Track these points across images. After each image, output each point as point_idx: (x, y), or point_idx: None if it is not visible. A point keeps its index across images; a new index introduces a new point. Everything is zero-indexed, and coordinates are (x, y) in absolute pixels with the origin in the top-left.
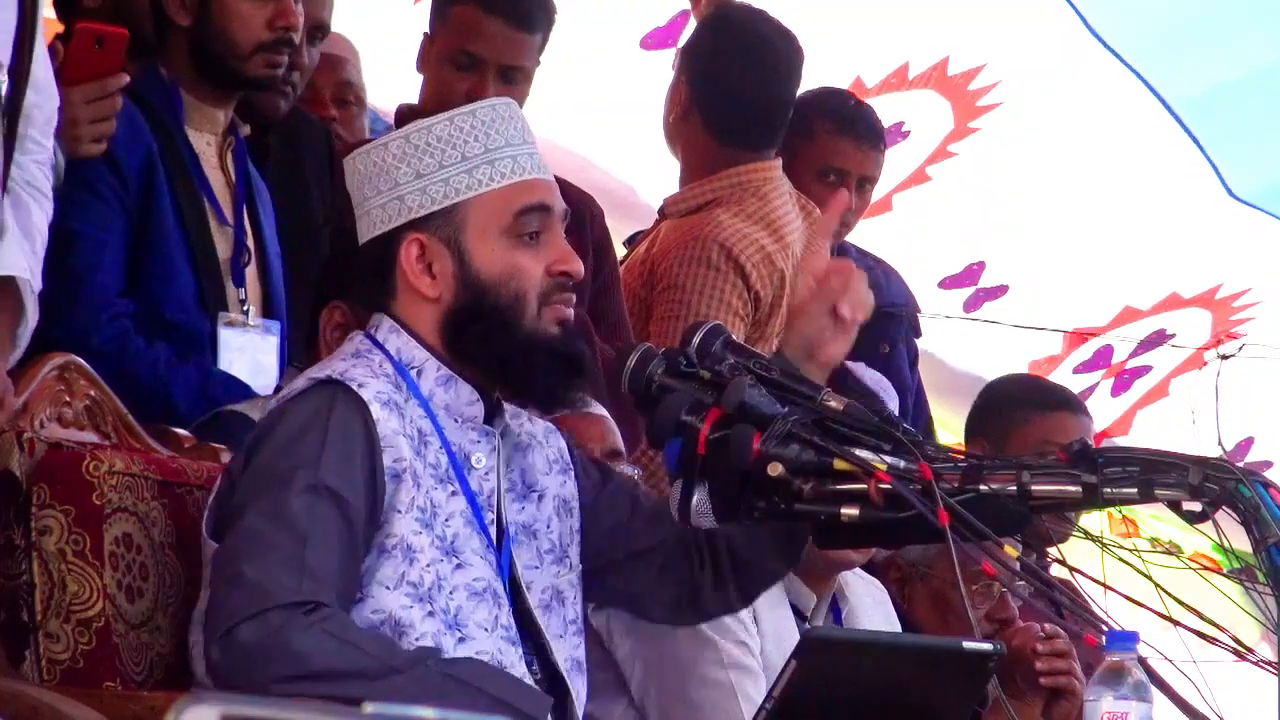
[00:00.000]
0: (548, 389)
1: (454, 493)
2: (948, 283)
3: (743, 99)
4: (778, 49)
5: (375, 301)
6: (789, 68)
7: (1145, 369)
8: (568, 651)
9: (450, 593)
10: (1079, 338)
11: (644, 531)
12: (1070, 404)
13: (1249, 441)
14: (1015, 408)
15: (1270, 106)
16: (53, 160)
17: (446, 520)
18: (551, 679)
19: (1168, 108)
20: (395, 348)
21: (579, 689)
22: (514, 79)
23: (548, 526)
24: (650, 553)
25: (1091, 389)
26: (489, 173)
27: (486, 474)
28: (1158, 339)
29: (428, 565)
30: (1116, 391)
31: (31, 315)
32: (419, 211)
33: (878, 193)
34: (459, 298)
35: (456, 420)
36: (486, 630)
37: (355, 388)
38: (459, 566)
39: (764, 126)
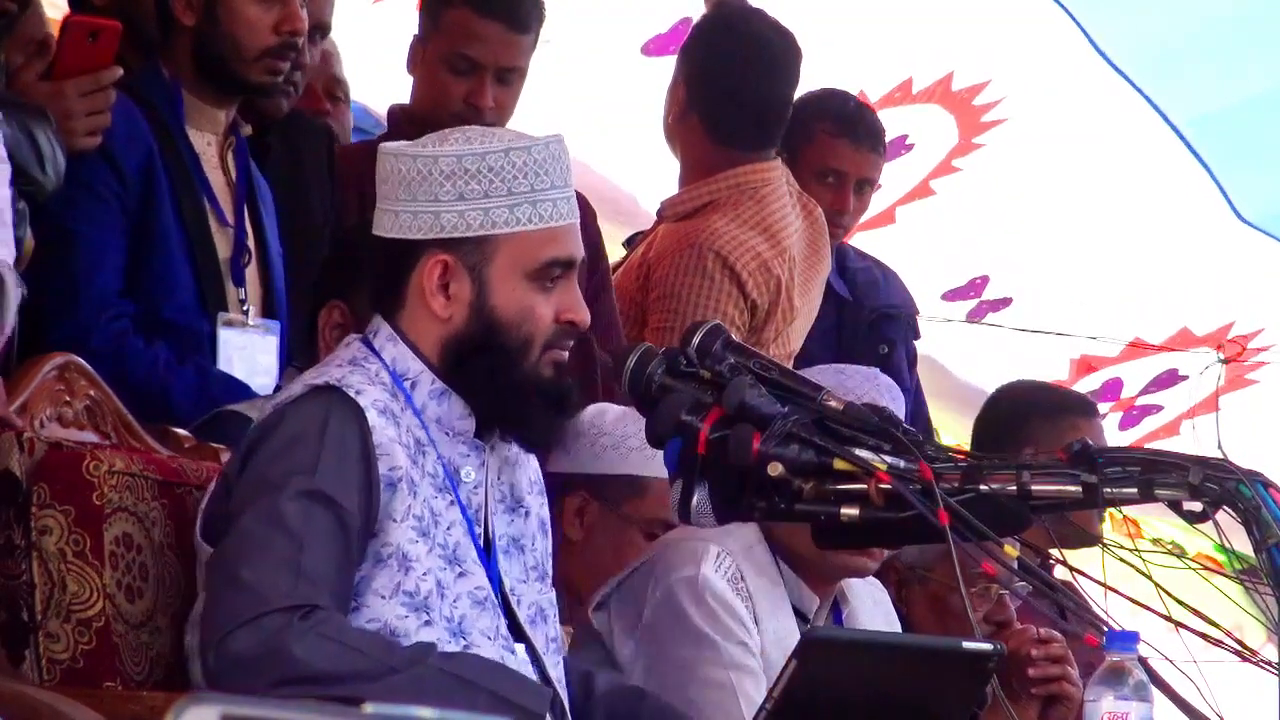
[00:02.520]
0: (533, 428)
1: (451, 502)
2: (951, 295)
3: (739, 99)
4: (774, 47)
5: (380, 301)
6: (786, 66)
7: (1156, 408)
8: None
9: (454, 600)
10: (1087, 366)
11: None
12: (1080, 407)
13: None
14: (1023, 417)
15: (1278, 129)
16: (51, 153)
17: (448, 529)
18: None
19: (1174, 129)
20: (391, 357)
21: (566, 703)
22: (510, 80)
23: (533, 543)
24: None
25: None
26: (529, 213)
27: (475, 488)
28: (1169, 379)
29: (424, 574)
30: (1125, 426)
31: (12, 290)
32: (451, 233)
33: (880, 205)
34: (469, 325)
35: (448, 434)
36: (489, 638)
37: (353, 395)
38: (461, 574)
39: (761, 126)
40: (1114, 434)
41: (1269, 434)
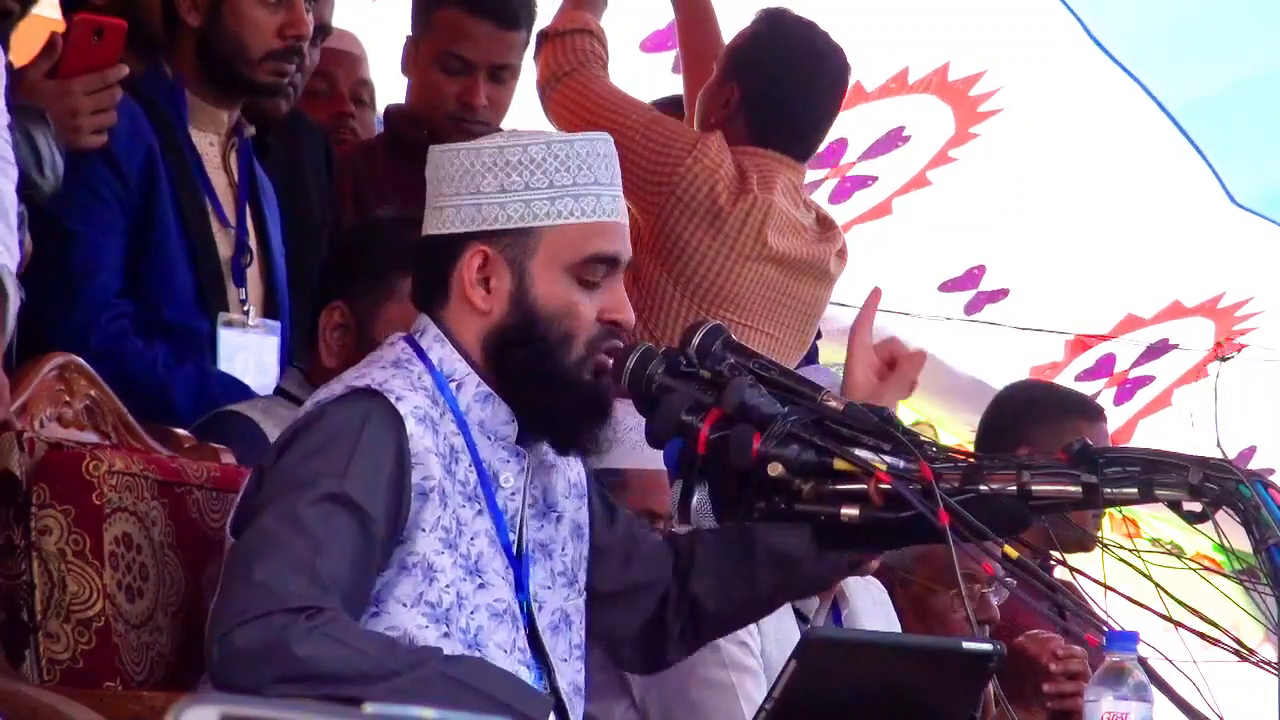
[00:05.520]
0: (570, 431)
1: (480, 511)
2: (948, 286)
3: (796, 116)
4: (834, 70)
5: (424, 299)
6: (842, 89)
7: (1148, 379)
8: (569, 676)
9: (471, 612)
10: (1081, 344)
11: (639, 576)
12: (1085, 410)
13: (1251, 450)
14: (1026, 418)
15: (1271, 113)
16: (50, 156)
17: (472, 539)
18: (556, 703)
19: (1168, 114)
20: (438, 358)
21: (577, 714)
22: (503, 78)
23: (562, 549)
24: (638, 595)
25: (1094, 397)
26: (571, 206)
27: (513, 494)
28: (1161, 348)
29: (447, 585)
30: (1119, 400)
31: (13, 296)
32: (492, 225)
33: (878, 196)
34: (508, 318)
35: (490, 438)
36: (505, 652)
37: (394, 400)
38: (481, 586)
39: (805, 142)
40: (1110, 409)
41: (1260, 395)
